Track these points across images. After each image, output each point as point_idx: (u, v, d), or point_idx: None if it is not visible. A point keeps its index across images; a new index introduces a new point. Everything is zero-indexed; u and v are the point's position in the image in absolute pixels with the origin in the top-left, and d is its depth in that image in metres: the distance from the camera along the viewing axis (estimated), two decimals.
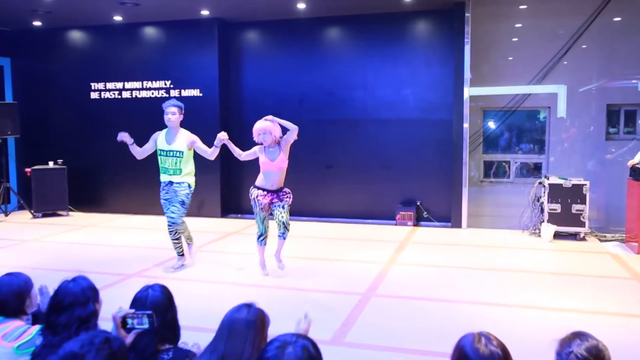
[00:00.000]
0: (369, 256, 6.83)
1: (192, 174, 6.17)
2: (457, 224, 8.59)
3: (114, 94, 9.97)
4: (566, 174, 8.17)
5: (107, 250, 7.31)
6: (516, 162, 9.08)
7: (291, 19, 9.26)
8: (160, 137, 6.13)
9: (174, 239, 6.18)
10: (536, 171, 8.98)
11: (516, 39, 8.79)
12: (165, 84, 9.69)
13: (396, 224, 8.83)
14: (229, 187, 9.67)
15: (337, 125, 9.26)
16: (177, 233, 6.15)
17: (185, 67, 9.56)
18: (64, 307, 2.46)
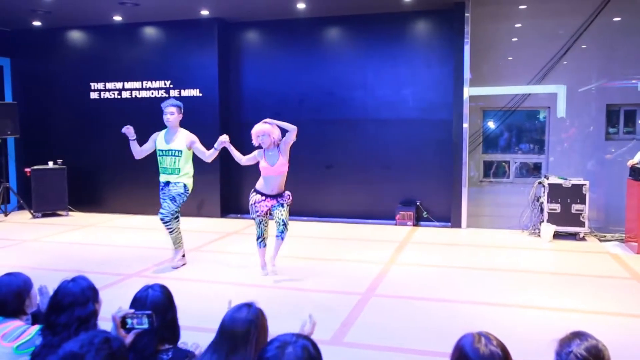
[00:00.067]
0: (369, 256, 6.82)
1: (190, 176, 6.16)
2: (457, 224, 8.60)
3: (114, 94, 9.97)
4: (566, 174, 8.17)
5: (106, 250, 7.31)
6: (516, 162, 9.08)
7: (291, 19, 9.26)
8: (160, 137, 6.13)
9: (170, 234, 6.19)
10: (536, 171, 8.98)
11: (516, 39, 8.79)
12: (165, 84, 9.69)
13: (396, 224, 8.83)
14: (228, 187, 9.67)
15: (337, 125, 9.26)
16: (171, 228, 6.15)
17: (185, 67, 9.56)
18: (63, 307, 2.46)
